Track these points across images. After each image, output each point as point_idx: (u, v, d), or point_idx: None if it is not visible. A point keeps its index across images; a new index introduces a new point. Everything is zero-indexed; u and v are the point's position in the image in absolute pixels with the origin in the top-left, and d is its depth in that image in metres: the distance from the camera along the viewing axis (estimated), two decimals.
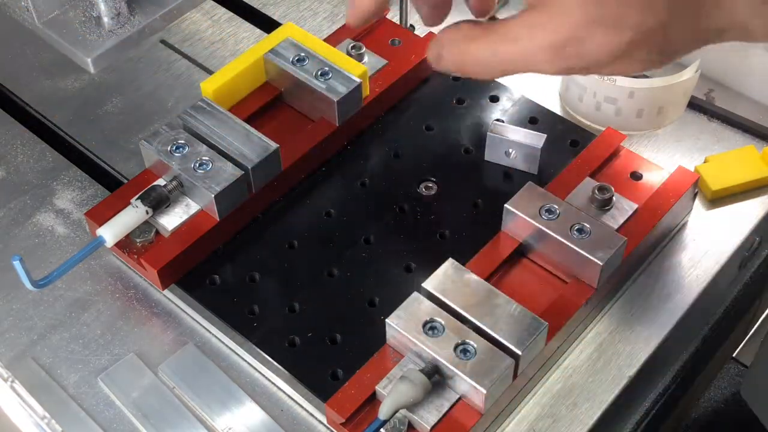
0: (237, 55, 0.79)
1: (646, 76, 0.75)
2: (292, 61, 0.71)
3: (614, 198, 0.64)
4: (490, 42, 0.48)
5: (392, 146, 0.73)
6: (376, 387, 0.56)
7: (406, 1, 0.79)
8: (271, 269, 0.66)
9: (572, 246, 0.60)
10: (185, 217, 0.65)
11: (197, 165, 0.65)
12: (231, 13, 0.87)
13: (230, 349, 0.64)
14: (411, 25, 0.82)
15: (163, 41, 0.84)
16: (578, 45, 0.46)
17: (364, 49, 0.74)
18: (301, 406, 0.61)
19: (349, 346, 0.61)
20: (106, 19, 0.66)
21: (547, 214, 0.62)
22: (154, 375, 0.62)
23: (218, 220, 0.65)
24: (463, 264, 0.60)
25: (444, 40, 0.50)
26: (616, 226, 0.63)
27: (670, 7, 0.45)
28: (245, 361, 0.63)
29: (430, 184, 0.71)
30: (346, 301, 0.64)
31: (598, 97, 0.74)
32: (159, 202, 0.64)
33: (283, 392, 0.62)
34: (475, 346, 0.56)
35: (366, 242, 0.67)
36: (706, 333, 0.70)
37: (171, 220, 0.65)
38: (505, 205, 0.62)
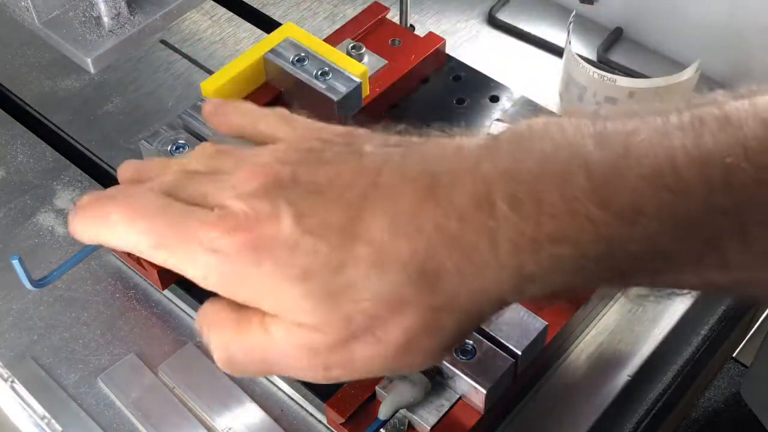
0: (237, 55, 0.79)
1: (646, 76, 0.75)
2: (292, 61, 0.71)
3: None
4: (245, 332, 0.42)
5: None
6: (376, 387, 0.56)
7: (406, 1, 0.80)
8: None
9: None
10: None
11: None
12: (231, 13, 0.87)
13: None
14: (411, 25, 0.82)
15: (163, 41, 0.84)
16: (340, 357, 0.40)
17: (364, 49, 0.74)
18: (301, 406, 0.61)
19: None
20: (106, 19, 0.66)
21: None
22: (154, 375, 0.62)
23: None
24: None
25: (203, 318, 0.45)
26: None
27: (423, 308, 0.39)
28: None
29: None
30: None
31: (598, 97, 0.74)
32: None
33: (283, 392, 0.62)
34: (475, 346, 0.55)
35: None
36: (706, 333, 0.70)
37: None
38: None
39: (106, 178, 0.74)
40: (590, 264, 0.39)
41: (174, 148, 0.66)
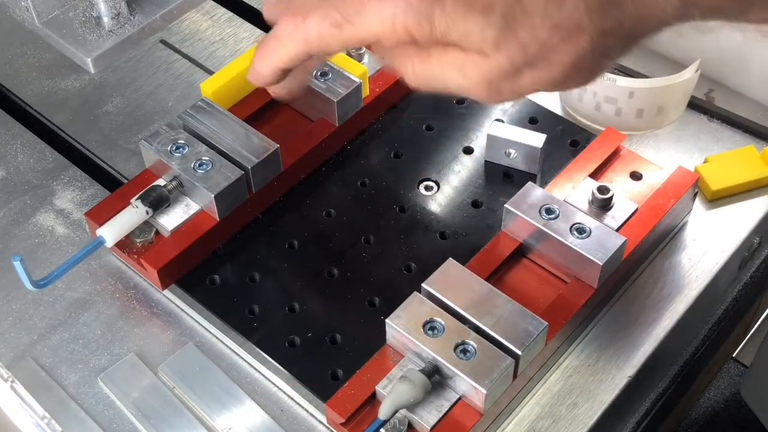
0: (237, 55, 0.79)
1: (646, 76, 0.75)
2: None
3: (614, 198, 0.64)
4: (426, 61, 0.47)
5: (392, 146, 0.73)
6: (376, 387, 0.56)
7: None
8: (271, 269, 0.66)
9: (572, 246, 0.60)
10: (185, 217, 0.65)
11: (197, 165, 0.65)
12: (231, 13, 0.87)
13: (230, 349, 0.64)
14: None
15: (163, 41, 0.84)
16: (511, 83, 0.46)
17: (364, 49, 0.74)
18: (301, 406, 0.61)
19: (349, 346, 0.61)
20: (106, 19, 0.66)
21: (547, 214, 0.62)
22: (154, 375, 0.62)
23: (218, 220, 0.65)
24: (463, 264, 0.60)
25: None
26: (616, 226, 0.63)
27: (594, 33, 0.44)
28: (245, 361, 0.63)
29: (430, 184, 0.71)
30: (346, 301, 0.64)
31: (598, 97, 0.74)
32: (159, 202, 0.64)
33: (283, 392, 0.62)
34: (475, 346, 0.56)
35: (366, 242, 0.67)
36: (706, 333, 0.70)
37: (171, 220, 0.65)
38: (505, 205, 0.62)
39: (106, 178, 0.74)
40: None
41: (174, 148, 0.66)
